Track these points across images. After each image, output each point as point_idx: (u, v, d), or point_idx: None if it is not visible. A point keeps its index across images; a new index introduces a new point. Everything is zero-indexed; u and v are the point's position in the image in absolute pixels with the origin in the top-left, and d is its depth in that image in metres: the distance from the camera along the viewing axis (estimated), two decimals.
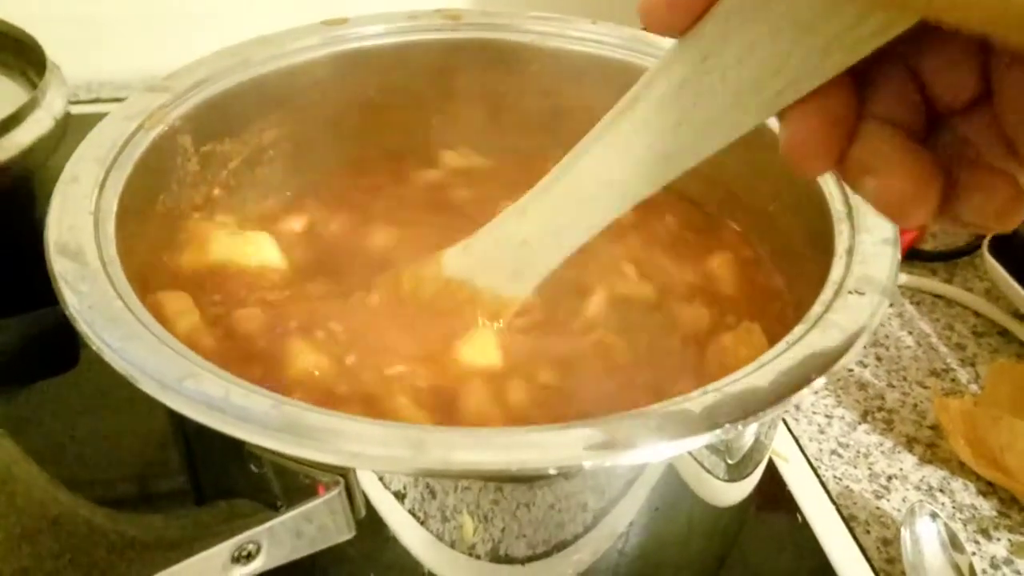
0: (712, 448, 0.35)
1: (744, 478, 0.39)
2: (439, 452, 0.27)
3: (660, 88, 0.26)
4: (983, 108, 0.22)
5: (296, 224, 0.48)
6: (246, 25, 0.50)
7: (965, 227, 0.24)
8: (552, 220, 0.33)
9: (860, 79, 0.23)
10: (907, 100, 0.23)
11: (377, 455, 0.27)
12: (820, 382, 0.30)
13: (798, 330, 0.32)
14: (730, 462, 0.37)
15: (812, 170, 0.23)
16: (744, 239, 0.49)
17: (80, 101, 0.82)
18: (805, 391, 0.30)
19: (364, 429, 0.28)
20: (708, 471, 0.36)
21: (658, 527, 0.36)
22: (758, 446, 0.38)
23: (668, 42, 0.50)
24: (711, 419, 0.29)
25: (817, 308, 0.33)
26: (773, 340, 0.33)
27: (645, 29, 0.25)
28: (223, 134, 0.46)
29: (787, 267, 0.46)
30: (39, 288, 0.32)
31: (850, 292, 0.34)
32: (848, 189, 0.39)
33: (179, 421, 0.32)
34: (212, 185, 0.46)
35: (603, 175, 0.30)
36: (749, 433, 0.36)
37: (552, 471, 0.28)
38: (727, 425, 0.29)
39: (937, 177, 0.22)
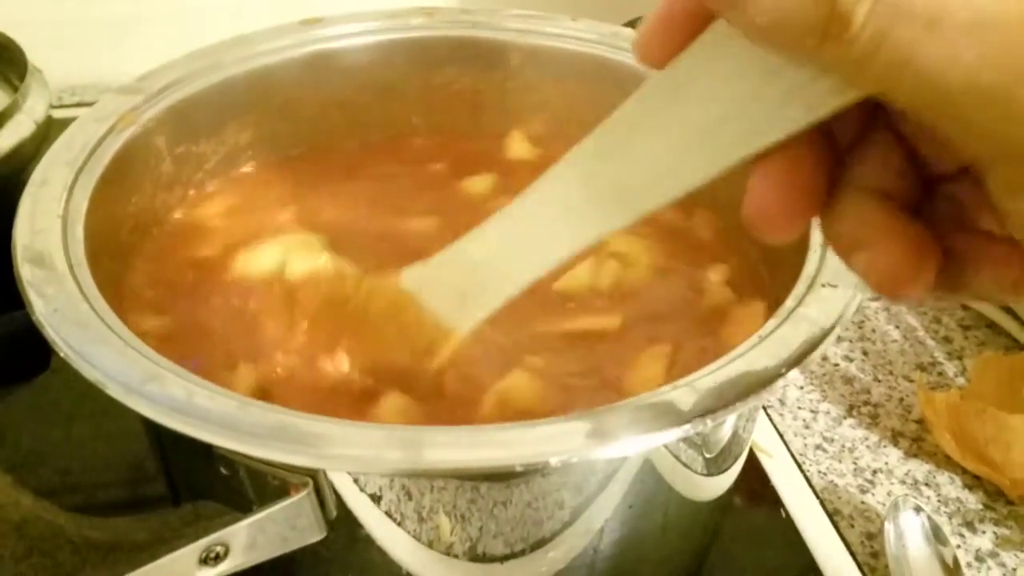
0: (689, 442, 0.35)
1: (723, 472, 0.39)
2: (405, 452, 0.27)
3: (629, 116, 0.26)
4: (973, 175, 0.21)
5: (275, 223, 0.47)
6: (226, 26, 0.50)
7: (979, 299, 0.23)
8: (508, 246, 0.31)
9: (847, 148, 0.23)
10: (896, 168, 0.22)
11: (342, 455, 0.27)
12: (794, 375, 0.30)
13: (770, 324, 0.32)
14: (708, 456, 0.36)
15: (771, 234, 0.22)
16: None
17: (62, 105, 0.82)
18: (778, 383, 0.30)
19: (329, 429, 0.27)
20: (685, 465, 0.36)
21: (635, 522, 0.36)
22: (736, 440, 0.38)
23: None
24: (682, 413, 0.29)
25: (790, 302, 0.33)
26: None
27: (639, 61, 0.24)
28: (198, 135, 0.46)
29: (771, 264, 0.46)
30: (14, 290, 0.32)
31: (823, 285, 0.34)
32: None
33: (152, 425, 0.31)
34: (187, 186, 0.46)
35: (564, 203, 0.28)
36: (726, 427, 0.36)
37: (519, 468, 0.27)
38: (697, 419, 0.28)
39: (933, 250, 0.21)
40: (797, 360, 0.31)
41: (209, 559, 0.28)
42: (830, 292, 0.33)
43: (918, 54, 0.17)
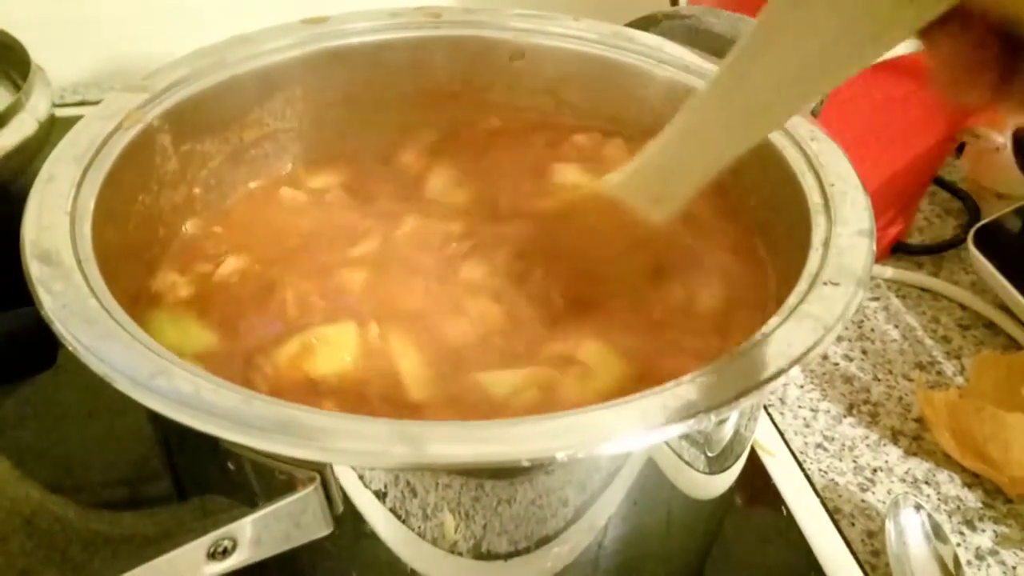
0: (691, 440, 0.35)
1: (724, 470, 0.39)
2: (412, 446, 0.27)
3: (763, 35, 0.30)
4: None
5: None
6: (229, 25, 0.50)
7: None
8: (680, 150, 0.37)
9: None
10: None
11: (350, 449, 0.27)
12: (795, 372, 0.30)
13: (773, 322, 0.32)
14: (710, 455, 0.37)
15: (968, 96, 0.26)
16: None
17: (65, 103, 0.82)
18: (780, 380, 0.30)
19: (337, 423, 0.28)
20: (688, 464, 0.36)
21: (638, 520, 0.36)
22: (738, 438, 0.38)
23: (648, 38, 0.51)
24: (686, 409, 0.29)
25: (792, 299, 0.33)
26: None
27: None
28: (203, 133, 0.46)
29: (770, 260, 0.46)
30: (22, 287, 0.32)
31: (825, 283, 0.34)
32: (825, 181, 0.40)
33: (158, 420, 0.32)
34: (192, 184, 0.46)
35: (720, 116, 0.34)
36: (728, 425, 0.36)
37: (525, 463, 0.27)
38: (700, 415, 0.29)
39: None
40: (799, 357, 0.31)
41: (217, 553, 0.28)
42: (832, 290, 0.34)
43: None
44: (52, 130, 0.64)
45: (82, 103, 0.84)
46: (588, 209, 0.42)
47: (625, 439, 0.28)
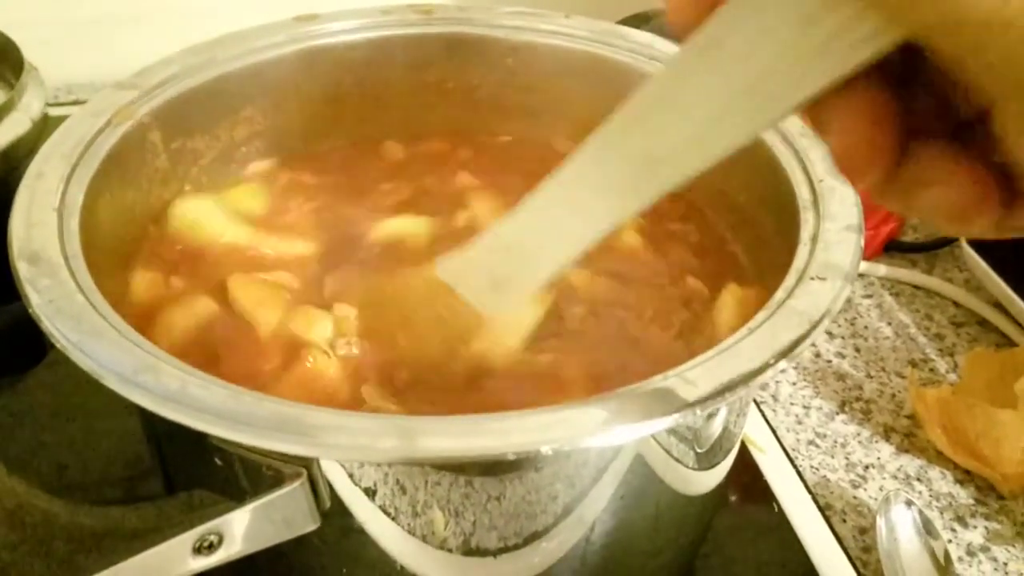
0: (679, 436, 0.35)
1: (714, 467, 0.39)
2: (399, 440, 0.27)
3: (661, 84, 0.25)
4: None
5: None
6: (221, 23, 0.50)
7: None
8: (540, 227, 0.31)
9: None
10: (937, 112, 0.23)
11: (336, 444, 0.27)
12: (782, 366, 0.31)
13: (760, 316, 0.33)
14: (699, 450, 0.37)
15: (863, 175, 0.23)
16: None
17: (58, 103, 0.82)
18: (767, 375, 0.30)
19: (323, 418, 0.28)
20: (677, 460, 0.36)
21: (627, 516, 0.36)
22: (727, 435, 0.38)
23: (639, 35, 0.51)
24: (673, 403, 0.29)
25: (780, 294, 0.34)
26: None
27: (671, 25, 0.24)
28: (193, 130, 0.46)
29: (758, 256, 0.46)
30: (9, 284, 0.32)
31: (812, 278, 0.34)
32: (814, 177, 0.40)
33: (147, 415, 0.32)
34: (183, 181, 0.46)
35: (595, 180, 0.28)
36: (717, 421, 0.36)
37: (511, 456, 0.27)
38: (687, 409, 0.29)
39: (993, 180, 0.22)
40: (786, 352, 0.31)
41: (203, 548, 0.29)
42: (819, 285, 0.34)
43: None
44: (45, 129, 0.64)
45: (75, 102, 0.84)
46: (417, 292, 0.37)
47: (611, 433, 0.28)
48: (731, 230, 0.47)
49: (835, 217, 0.37)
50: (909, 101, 0.23)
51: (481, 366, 0.38)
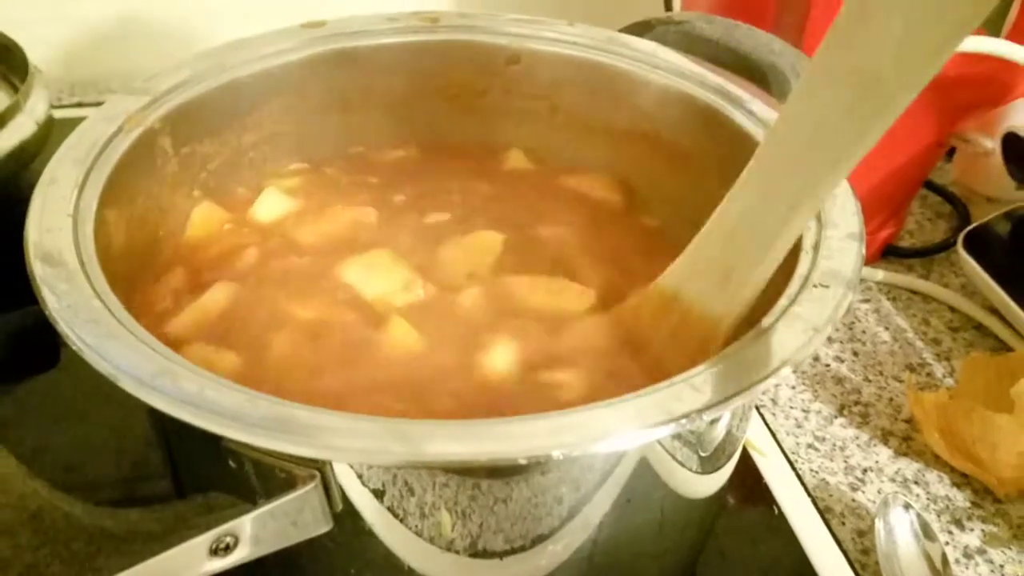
0: (683, 440, 0.35)
1: (717, 470, 0.40)
2: (411, 444, 0.28)
3: (831, 39, 0.28)
4: None
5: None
6: (227, 28, 0.51)
7: None
8: (760, 199, 0.32)
9: None
10: None
11: (349, 447, 0.28)
12: (785, 372, 0.31)
13: (764, 322, 0.33)
14: (702, 454, 0.37)
15: None
16: None
17: (63, 105, 0.83)
18: (771, 381, 0.31)
19: (337, 422, 0.28)
20: (680, 463, 0.36)
21: (632, 519, 0.37)
22: (730, 438, 0.39)
23: (644, 44, 0.51)
24: (679, 409, 0.29)
25: (783, 301, 0.34)
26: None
27: None
28: (203, 136, 0.46)
29: None
30: (21, 289, 0.33)
31: (815, 286, 0.34)
32: None
33: (159, 419, 0.32)
34: (192, 186, 0.46)
35: (803, 136, 0.30)
36: (720, 426, 0.37)
37: (522, 461, 0.28)
38: (694, 414, 0.29)
39: None
40: (789, 358, 0.31)
41: (219, 550, 0.29)
42: (821, 292, 0.34)
43: None
44: (50, 131, 0.64)
45: (80, 104, 0.84)
46: (648, 313, 0.37)
47: (620, 438, 0.29)
48: None
49: (836, 225, 0.38)
50: None
51: None
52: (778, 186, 0.32)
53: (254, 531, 0.30)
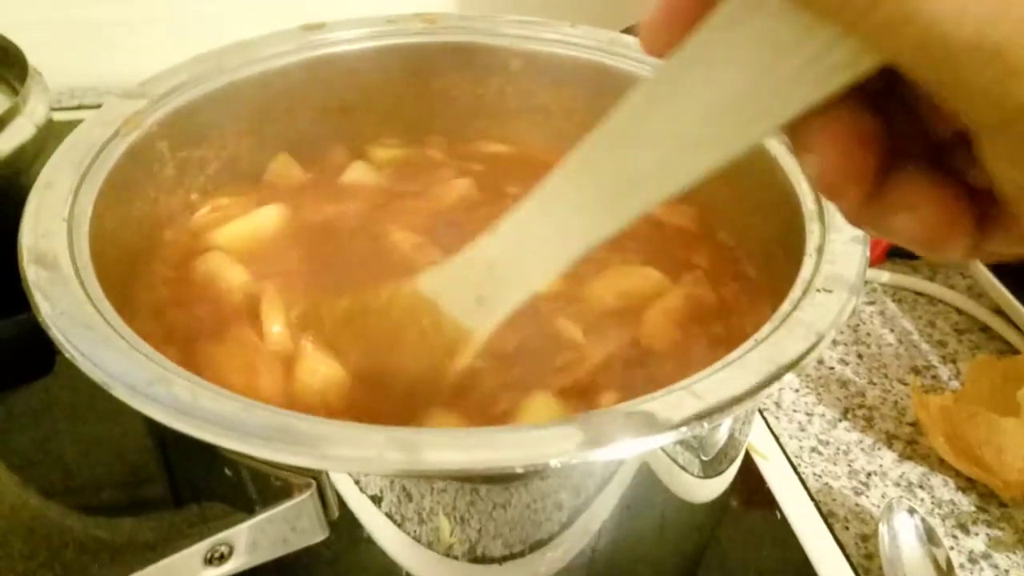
0: (686, 445, 0.35)
1: (719, 474, 0.39)
2: (406, 453, 0.27)
3: (636, 106, 0.25)
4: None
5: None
6: (227, 31, 0.51)
7: (1001, 257, 0.23)
8: (520, 244, 0.31)
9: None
10: (914, 133, 0.23)
11: (344, 456, 0.27)
12: (789, 378, 0.31)
13: (766, 328, 0.33)
14: (704, 459, 0.37)
15: (843, 195, 0.22)
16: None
17: (63, 108, 0.83)
18: (773, 387, 0.31)
19: (331, 431, 0.28)
20: (682, 468, 0.36)
21: (632, 524, 0.36)
22: (732, 442, 0.38)
23: None
24: (679, 416, 0.29)
25: (786, 306, 0.34)
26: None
27: (646, 53, 0.24)
28: (200, 139, 0.46)
29: (763, 266, 0.46)
30: (20, 293, 0.33)
31: (819, 290, 0.34)
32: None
33: (156, 426, 0.32)
34: (189, 190, 0.46)
35: (574, 198, 0.28)
36: (722, 430, 0.37)
37: (519, 469, 0.28)
38: (694, 422, 0.29)
39: (966, 204, 0.22)
40: (793, 364, 0.31)
41: (214, 559, 0.29)
42: (825, 297, 0.34)
43: (922, 9, 0.17)
44: (50, 135, 0.64)
45: (79, 107, 0.84)
46: (401, 308, 0.37)
47: (619, 446, 0.28)
48: (736, 240, 0.48)
49: (840, 228, 0.37)
50: (889, 123, 0.22)
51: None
52: (534, 239, 0.30)
53: (250, 540, 0.30)
